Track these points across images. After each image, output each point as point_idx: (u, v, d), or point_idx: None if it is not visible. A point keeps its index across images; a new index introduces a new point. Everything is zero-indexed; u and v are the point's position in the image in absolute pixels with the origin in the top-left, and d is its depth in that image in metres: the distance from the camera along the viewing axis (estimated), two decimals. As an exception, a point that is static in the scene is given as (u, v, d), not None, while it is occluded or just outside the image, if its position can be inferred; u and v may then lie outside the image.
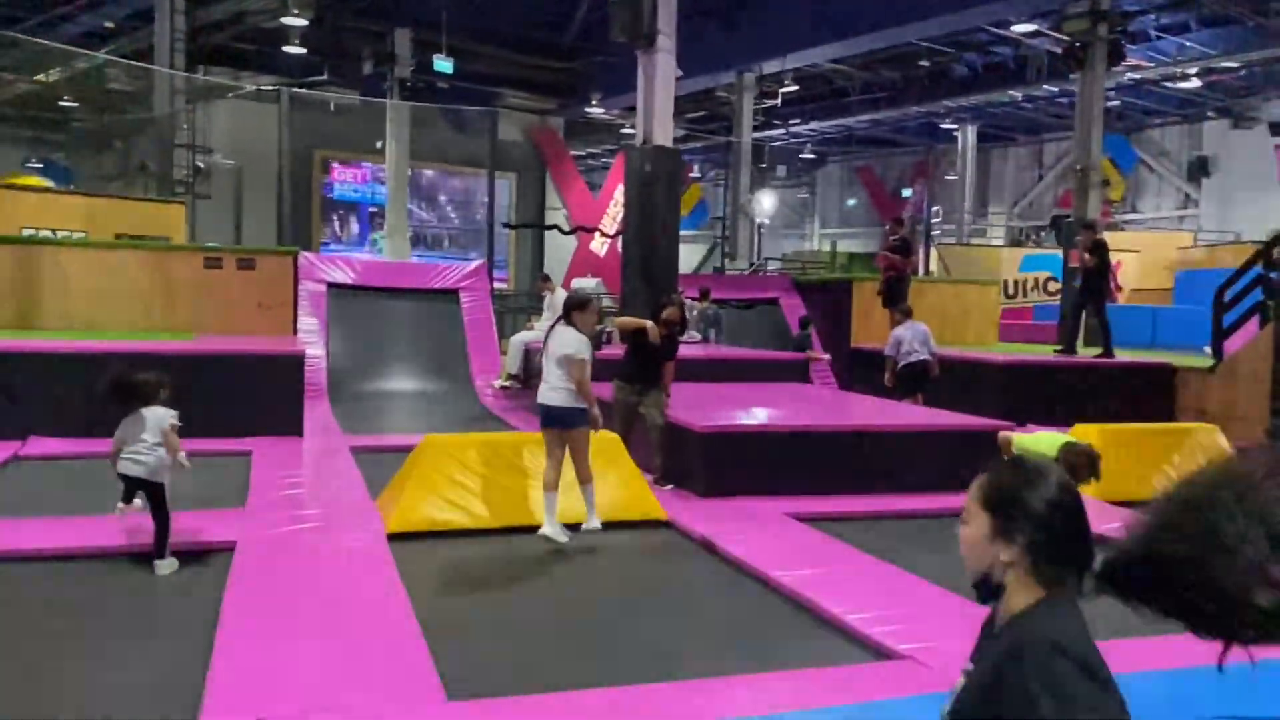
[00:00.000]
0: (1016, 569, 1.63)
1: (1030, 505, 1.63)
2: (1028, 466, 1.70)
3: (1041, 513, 1.63)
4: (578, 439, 5.46)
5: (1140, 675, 3.38)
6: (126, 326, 10.31)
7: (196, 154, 21.52)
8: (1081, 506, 1.66)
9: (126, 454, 4.75)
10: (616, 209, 21.71)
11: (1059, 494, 1.63)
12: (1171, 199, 27.70)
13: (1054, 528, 1.63)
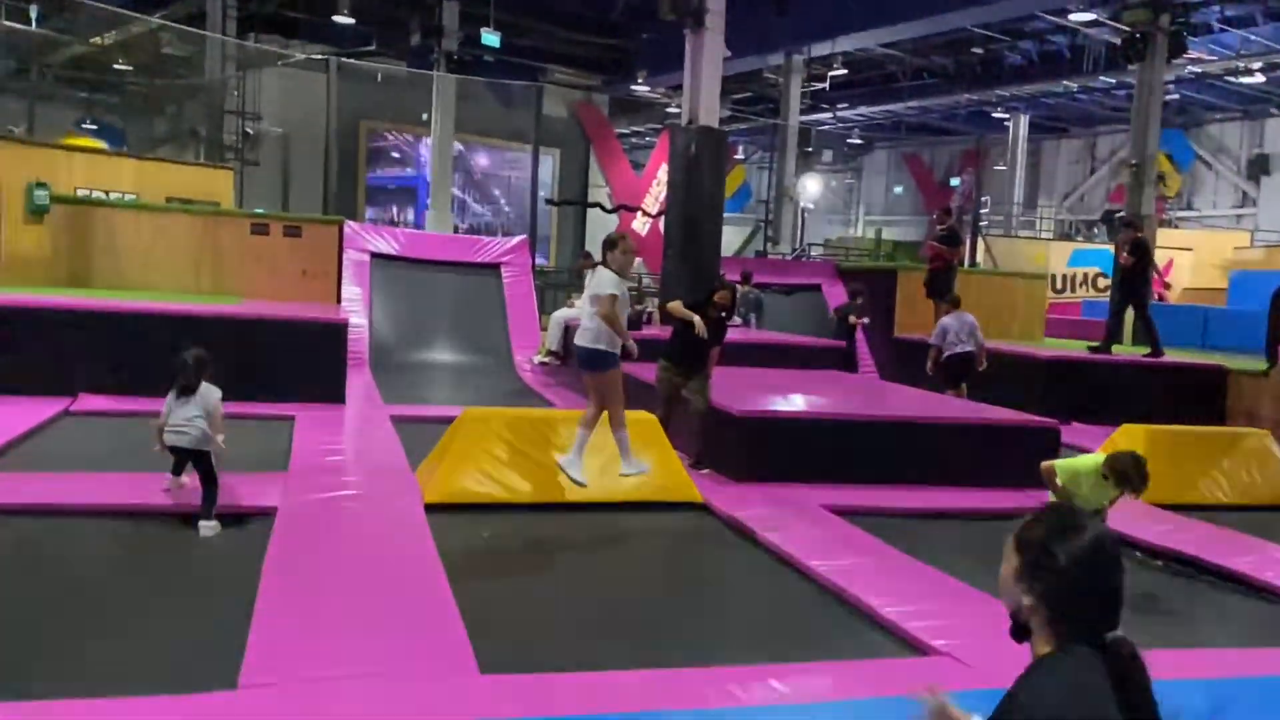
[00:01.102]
0: (1037, 616, 1.64)
1: (1055, 556, 1.61)
2: (1067, 516, 1.68)
3: (1064, 566, 1.61)
4: (603, 382, 5.49)
5: (1175, 684, 3.32)
6: (175, 288, 10.47)
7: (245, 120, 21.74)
8: (1112, 568, 1.63)
9: (171, 428, 4.95)
10: (659, 188, 21.62)
11: (1089, 552, 1.61)
12: (1229, 197, 27.03)
13: (1075, 583, 1.61)
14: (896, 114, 27.59)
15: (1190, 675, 3.52)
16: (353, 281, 11.71)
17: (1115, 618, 1.61)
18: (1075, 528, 1.64)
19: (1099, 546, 1.62)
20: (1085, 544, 1.61)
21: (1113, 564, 1.63)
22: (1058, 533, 1.63)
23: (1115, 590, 1.62)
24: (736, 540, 5.47)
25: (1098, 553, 1.61)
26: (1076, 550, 1.61)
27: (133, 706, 2.92)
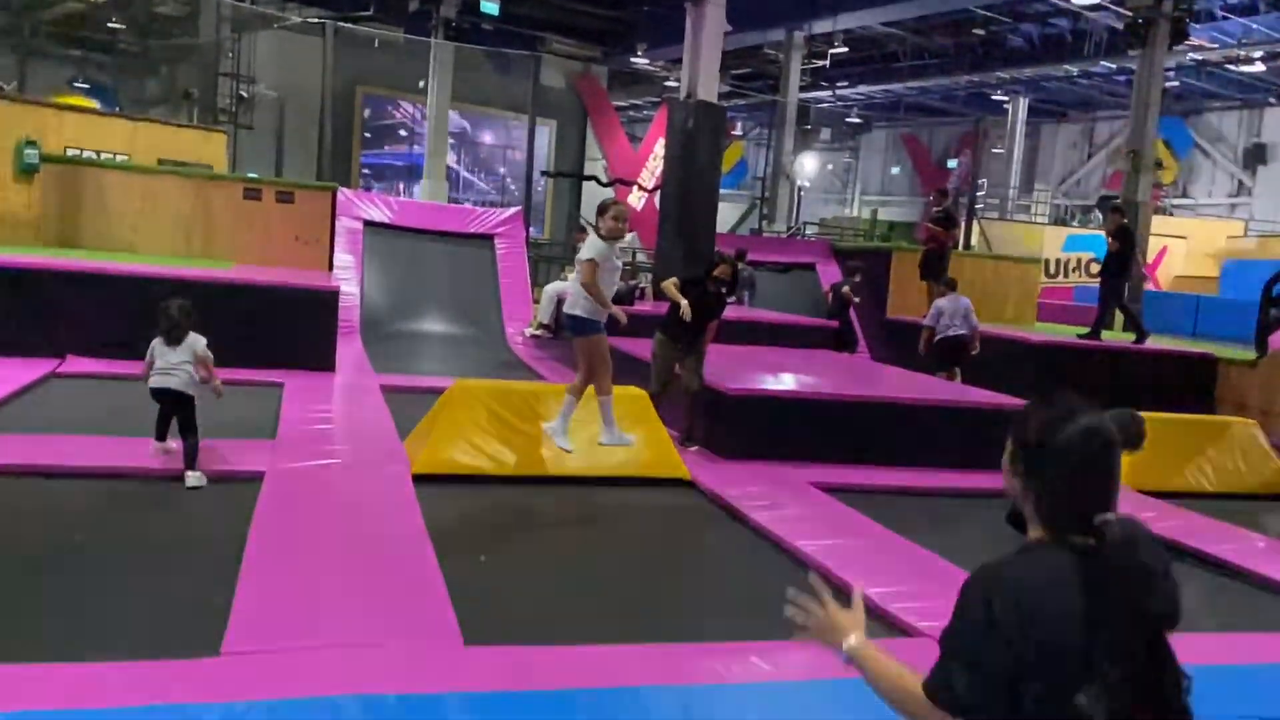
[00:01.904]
0: (1028, 503, 1.64)
1: (1043, 442, 1.61)
2: (1061, 405, 1.65)
3: (1049, 453, 1.60)
4: (584, 348, 5.50)
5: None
6: (165, 251, 10.40)
7: (240, 83, 21.53)
8: (1100, 458, 1.60)
9: (159, 371, 5.05)
10: (656, 163, 21.51)
11: (1076, 438, 1.59)
12: (1225, 186, 27.02)
13: (1059, 470, 1.60)
14: (896, 94, 27.47)
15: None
16: (345, 249, 11.65)
17: (1105, 502, 1.59)
18: (1067, 414, 1.62)
19: (1089, 435, 1.60)
20: (1074, 430, 1.60)
21: (1099, 452, 1.60)
22: (1048, 420, 1.62)
23: (1102, 477, 1.60)
24: (723, 517, 5.48)
25: (1086, 440, 1.60)
26: (1064, 436, 1.60)
27: (114, 671, 2.91)
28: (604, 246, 5.39)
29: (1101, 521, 1.57)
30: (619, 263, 5.62)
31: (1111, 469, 1.62)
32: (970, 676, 1.55)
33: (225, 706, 2.75)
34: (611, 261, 5.44)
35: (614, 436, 5.58)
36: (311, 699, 2.85)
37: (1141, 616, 1.55)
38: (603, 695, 3.09)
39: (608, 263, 5.41)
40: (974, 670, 1.55)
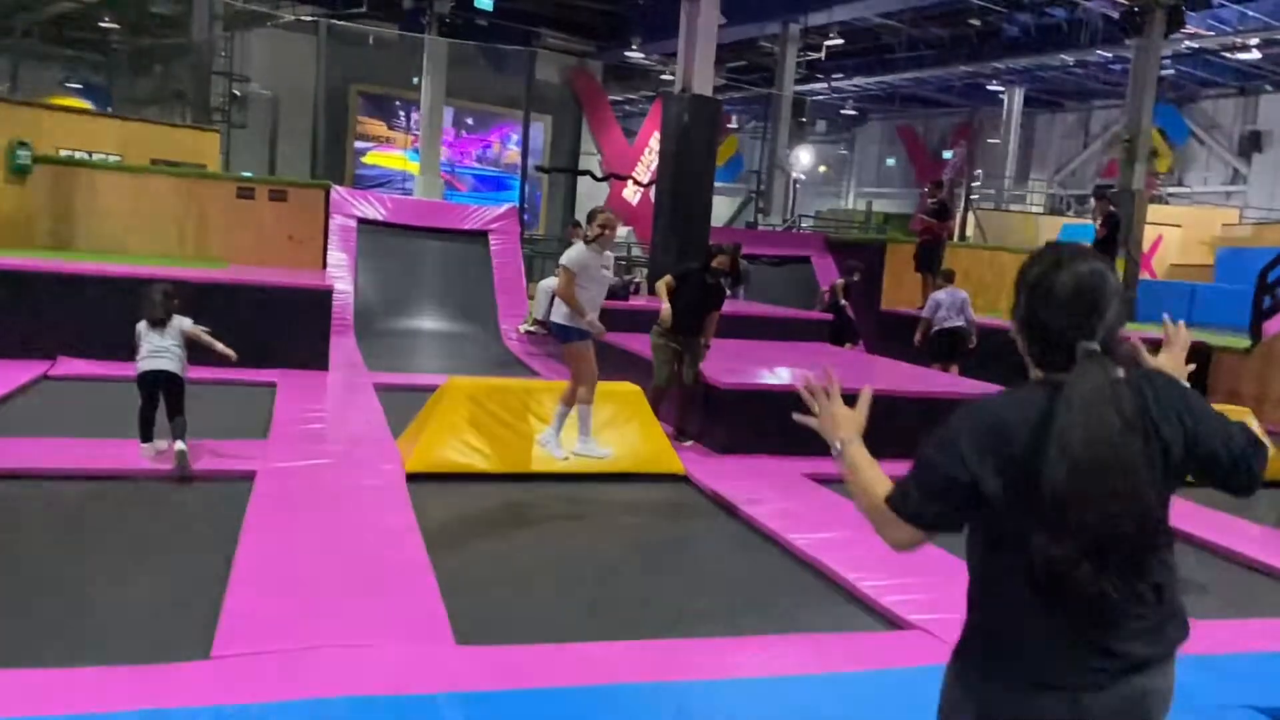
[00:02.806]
0: (1020, 346, 1.71)
1: (1026, 281, 1.67)
2: (1058, 250, 1.69)
3: (1031, 288, 1.65)
4: (568, 355, 5.48)
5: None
6: (158, 252, 10.38)
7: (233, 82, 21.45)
8: (1076, 293, 1.62)
9: (149, 354, 5.14)
10: (651, 157, 21.48)
11: (1059, 274, 1.63)
12: (1220, 173, 26.99)
13: (1036, 305, 1.65)
14: (891, 85, 27.40)
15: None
16: (338, 247, 11.63)
17: (1086, 328, 1.61)
18: (1058, 259, 1.65)
19: (1074, 273, 1.63)
20: (1059, 270, 1.63)
21: (1075, 288, 1.62)
22: (1039, 262, 1.67)
23: (1079, 311, 1.62)
24: (717, 512, 5.48)
25: (1065, 273, 1.63)
26: (1046, 275, 1.64)
27: (103, 676, 2.90)
28: (586, 254, 5.30)
29: (1085, 350, 1.60)
30: (607, 271, 5.48)
31: (1092, 304, 1.62)
32: (924, 487, 1.65)
33: (215, 710, 2.73)
34: (595, 270, 5.31)
35: (588, 448, 5.48)
36: (303, 701, 2.84)
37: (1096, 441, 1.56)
38: (597, 693, 3.09)
39: (590, 270, 5.29)
40: (929, 481, 1.65)
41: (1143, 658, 1.65)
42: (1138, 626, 1.65)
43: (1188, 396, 1.71)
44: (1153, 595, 1.65)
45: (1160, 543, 1.67)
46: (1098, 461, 1.55)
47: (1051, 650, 1.63)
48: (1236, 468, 1.71)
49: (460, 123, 26.78)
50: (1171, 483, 1.68)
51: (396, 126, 25.74)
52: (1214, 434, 1.69)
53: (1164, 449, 1.64)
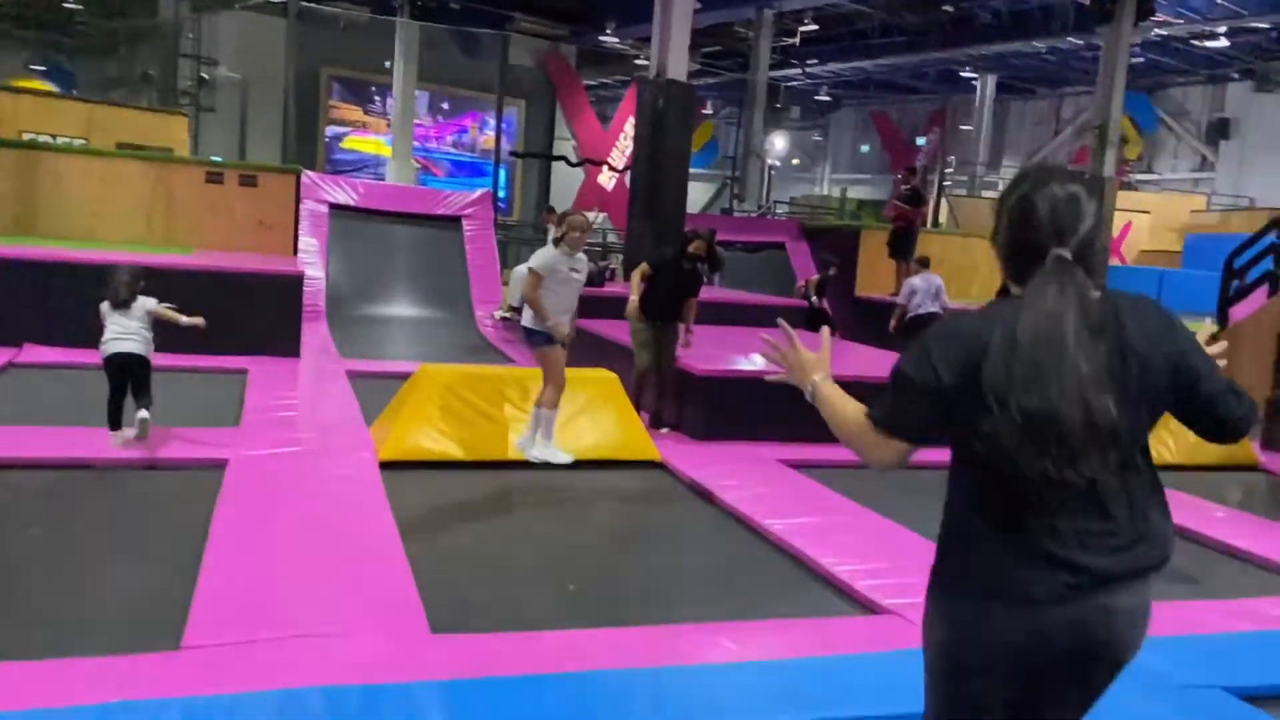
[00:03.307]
0: (1000, 264, 1.77)
1: (1005, 205, 1.73)
2: (1039, 170, 1.74)
3: (1008, 214, 1.72)
4: (536, 358, 5.35)
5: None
6: (125, 237, 10.21)
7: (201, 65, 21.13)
8: (1053, 213, 1.67)
9: (114, 336, 5.10)
10: (626, 142, 21.39)
11: (1036, 196, 1.67)
12: (1188, 160, 27.29)
13: (1015, 228, 1.71)
14: (865, 71, 27.44)
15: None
16: (310, 233, 11.50)
17: (1059, 243, 1.66)
18: (1036, 181, 1.71)
19: (1049, 195, 1.68)
20: (1036, 192, 1.69)
21: (1041, 202, 1.67)
22: (1018, 186, 1.73)
23: (1047, 226, 1.67)
24: (693, 498, 5.48)
25: (1048, 199, 1.67)
26: (1024, 198, 1.70)
27: (70, 668, 2.86)
28: (554, 256, 5.15)
29: (1055, 256, 1.65)
30: (579, 274, 5.27)
31: (1067, 222, 1.67)
32: (900, 399, 1.72)
33: (185, 702, 2.70)
34: (564, 272, 5.14)
35: (546, 452, 5.28)
36: (274, 692, 2.81)
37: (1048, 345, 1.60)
38: (573, 680, 3.08)
39: (558, 274, 5.12)
40: (904, 393, 1.72)
41: (1107, 573, 1.68)
42: (1104, 544, 1.68)
43: (1177, 327, 1.73)
44: (1124, 514, 1.68)
45: (1134, 464, 1.70)
46: (1041, 346, 1.60)
47: (1010, 563, 1.68)
48: (1240, 418, 1.76)
49: (436, 108, 26.56)
50: (1147, 404, 1.69)
51: (373, 112, 25.46)
52: (1216, 378, 1.73)
53: (1137, 367, 1.66)
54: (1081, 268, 1.67)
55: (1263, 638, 3.91)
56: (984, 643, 1.73)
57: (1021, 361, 1.60)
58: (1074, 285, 1.64)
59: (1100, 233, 1.78)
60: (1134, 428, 1.68)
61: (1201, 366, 1.73)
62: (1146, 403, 1.70)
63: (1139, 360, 1.66)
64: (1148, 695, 3.19)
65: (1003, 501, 1.69)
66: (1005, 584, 1.69)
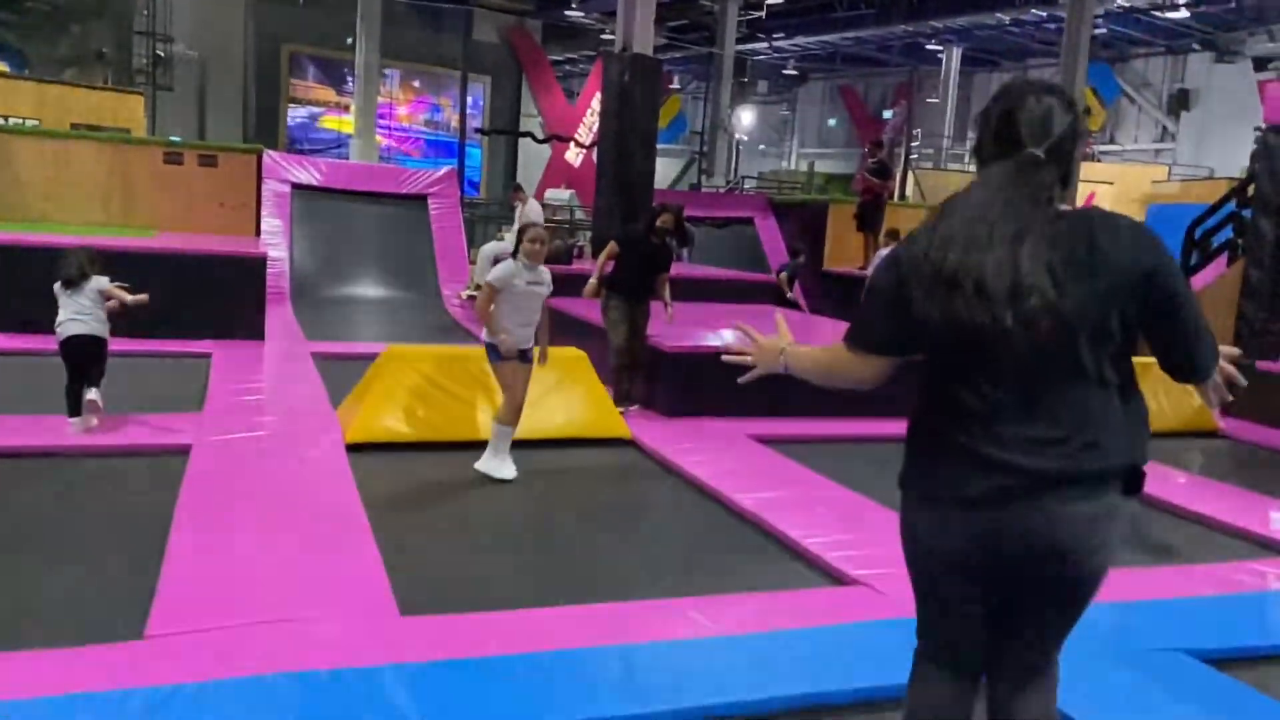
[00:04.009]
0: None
1: (989, 120, 1.85)
2: (1017, 83, 1.84)
3: (988, 125, 1.83)
4: (495, 375, 5.04)
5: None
6: (82, 221, 10.00)
7: (157, 42, 20.67)
8: (1029, 123, 1.76)
9: (69, 318, 5.03)
10: (593, 118, 21.24)
11: (1015, 110, 1.78)
12: (1149, 131, 27.56)
13: (986, 130, 1.83)
14: (832, 44, 27.41)
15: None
16: (272, 213, 11.32)
17: (1033, 141, 1.76)
18: (1012, 95, 1.81)
19: (1028, 108, 1.78)
20: (1014, 105, 1.79)
21: (1029, 117, 1.77)
22: (997, 102, 1.84)
23: (1023, 121, 1.77)
24: (663, 475, 5.48)
25: (1026, 111, 1.78)
26: (1003, 112, 1.81)
27: (27, 661, 2.81)
28: (511, 269, 4.86)
29: (1026, 153, 1.75)
30: (539, 288, 4.89)
31: (1033, 127, 1.76)
32: (864, 308, 1.88)
33: (147, 692, 2.66)
34: (522, 286, 4.82)
35: (488, 465, 4.96)
36: (240, 679, 2.77)
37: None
38: (544, 659, 3.07)
39: (515, 287, 4.81)
40: (873, 305, 1.87)
41: (1044, 474, 1.73)
42: (1047, 450, 1.73)
43: (1160, 247, 1.75)
44: (1074, 419, 1.73)
45: (1097, 375, 1.73)
46: (977, 211, 1.71)
47: (953, 467, 1.79)
48: (1208, 365, 1.82)
49: (408, 86, 26.18)
50: (1115, 308, 1.71)
51: (346, 92, 25.01)
52: (1197, 312, 1.77)
53: (1104, 266, 1.69)
54: (1053, 169, 1.74)
55: (1225, 601, 3.98)
56: (936, 546, 1.85)
57: (958, 220, 1.72)
58: (1035, 176, 1.73)
59: (1078, 146, 1.83)
60: (1096, 327, 1.71)
61: (1181, 290, 1.75)
62: (1115, 305, 1.71)
63: (1105, 259, 1.70)
64: (1109, 659, 3.24)
65: (950, 408, 1.79)
66: (948, 487, 1.79)
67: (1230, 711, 3.03)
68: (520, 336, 4.84)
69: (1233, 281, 9.51)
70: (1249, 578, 4.28)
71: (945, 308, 1.71)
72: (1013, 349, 1.72)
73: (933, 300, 1.74)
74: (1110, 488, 1.77)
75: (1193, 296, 1.78)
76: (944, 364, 1.82)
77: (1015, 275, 1.66)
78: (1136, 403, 1.81)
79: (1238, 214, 10.06)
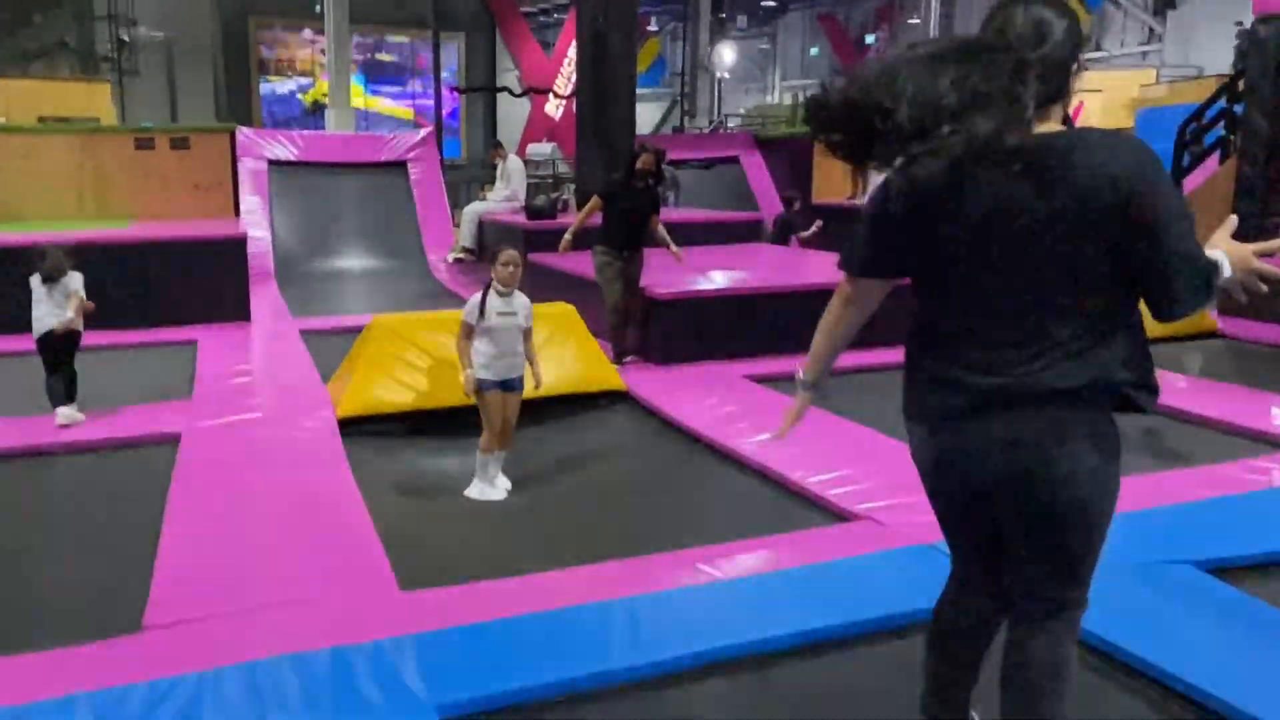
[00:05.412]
0: None
1: (984, 26, 1.87)
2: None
3: (984, 32, 1.84)
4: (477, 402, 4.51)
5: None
6: (55, 215, 9.86)
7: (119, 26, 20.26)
8: (1020, 35, 1.73)
9: (47, 313, 5.02)
10: (571, 69, 20.85)
11: (1003, 12, 1.78)
12: (1136, 34, 27.04)
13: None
14: (808, -29, 26.81)
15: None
16: (250, 191, 11.16)
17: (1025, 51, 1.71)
18: (1007, 9, 1.82)
19: (1017, 20, 1.78)
20: (1008, 10, 1.81)
21: (1019, 18, 1.78)
22: (992, 20, 1.85)
23: (1016, 33, 1.76)
24: (660, 425, 5.43)
25: (1018, 24, 1.77)
26: (996, 15, 1.83)
27: (25, 663, 2.78)
28: (476, 300, 4.32)
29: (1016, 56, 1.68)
30: (513, 317, 4.33)
31: (1023, 39, 1.72)
32: (857, 234, 1.93)
33: (149, 686, 2.63)
34: (492, 318, 4.28)
35: (480, 491, 4.39)
36: (241, 664, 2.74)
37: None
38: (550, 618, 3.04)
39: (487, 319, 4.28)
40: (863, 226, 1.91)
41: (991, 391, 1.73)
42: (999, 368, 1.73)
43: (1147, 166, 1.66)
44: (1030, 341, 1.70)
45: (1054, 300, 1.69)
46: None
47: (924, 387, 1.85)
48: (1178, 292, 1.68)
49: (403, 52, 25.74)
50: (1088, 238, 1.65)
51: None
52: (1184, 241, 1.65)
53: (1068, 195, 1.63)
54: (1043, 81, 1.66)
55: (1231, 503, 3.95)
56: (920, 467, 1.95)
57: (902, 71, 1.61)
58: (1011, 78, 1.63)
59: (1074, 57, 1.77)
60: (1065, 250, 1.66)
61: (1163, 215, 1.64)
62: (1087, 228, 1.64)
63: (1071, 188, 1.63)
64: (1112, 574, 3.20)
65: (924, 331, 1.86)
66: (915, 405, 1.88)
67: (1244, 626, 2.98)
68: (497, 369, 4.34)
69: (1225, 179, 9.35)
70: (1253, 475, 4.24)
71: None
72: (981, 269, 1.72)
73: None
74: (1070, 407, 1.71)
75: (1180, 222, 1.65)
76: (923, 290, 1.85)
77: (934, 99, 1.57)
78: (1126, 329, 1.73)
79: (1229, 111, 9.86)
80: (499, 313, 4.29)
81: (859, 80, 1.60)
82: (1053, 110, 1.74)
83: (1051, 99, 1.70)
